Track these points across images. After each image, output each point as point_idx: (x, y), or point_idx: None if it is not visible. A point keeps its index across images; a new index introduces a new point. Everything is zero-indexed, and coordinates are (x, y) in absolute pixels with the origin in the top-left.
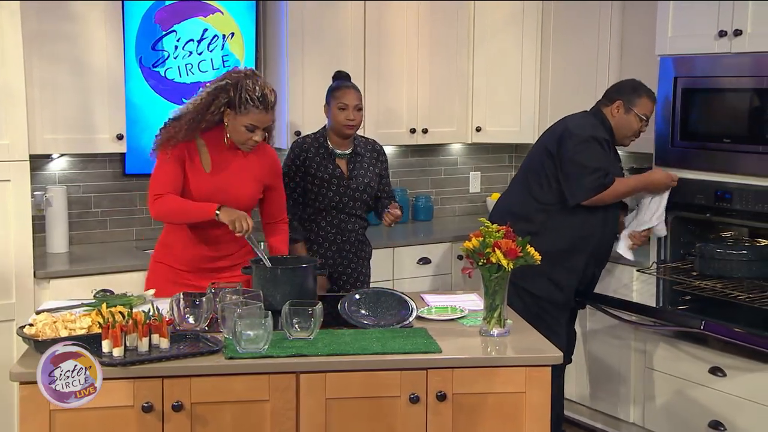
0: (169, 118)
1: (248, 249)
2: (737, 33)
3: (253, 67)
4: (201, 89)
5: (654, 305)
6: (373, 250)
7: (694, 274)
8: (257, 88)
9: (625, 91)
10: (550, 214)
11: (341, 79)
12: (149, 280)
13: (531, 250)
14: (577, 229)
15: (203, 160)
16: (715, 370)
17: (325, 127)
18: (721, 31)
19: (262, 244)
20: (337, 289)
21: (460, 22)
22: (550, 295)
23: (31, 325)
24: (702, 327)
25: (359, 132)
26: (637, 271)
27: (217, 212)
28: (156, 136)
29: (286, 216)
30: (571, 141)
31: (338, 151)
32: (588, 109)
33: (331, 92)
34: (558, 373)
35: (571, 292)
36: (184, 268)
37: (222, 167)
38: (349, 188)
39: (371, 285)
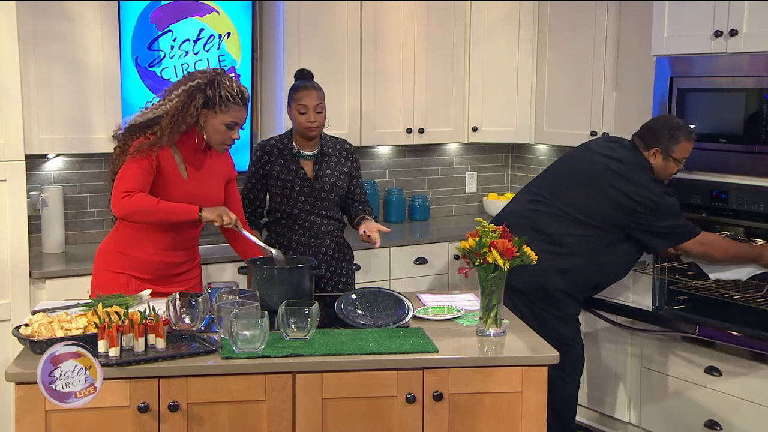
0: (131, 125)
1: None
2: (733, 33)
3: (250, 67)
4: (165, 93)
5: (650, 305)
6: (370, 251)
7: (690, 273)
8: (234, 85)
9: (662, 138)
10: (587, 243)
11: (303, 78)
12: (109, 292)
13: (527, 249)
14: (619, 265)
15: (179, 166)
16: (711, 370)
17: (292, 128)
18: (717, 31)
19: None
20: (318, 292)
21: (456, 21)
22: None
23: (27, 325)
24: (696, 332)
25: (330, 132)
26: (634, 271)
27: (200, 213)
28: (120, 144)
29: (244, 216)
30: (646, 192)
31: (303, 152)
32: (629, 145)
33: (291, 93)
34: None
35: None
36: (146, 276)
37: (196, 173)
38: (314, 188)
39: (368, 285)
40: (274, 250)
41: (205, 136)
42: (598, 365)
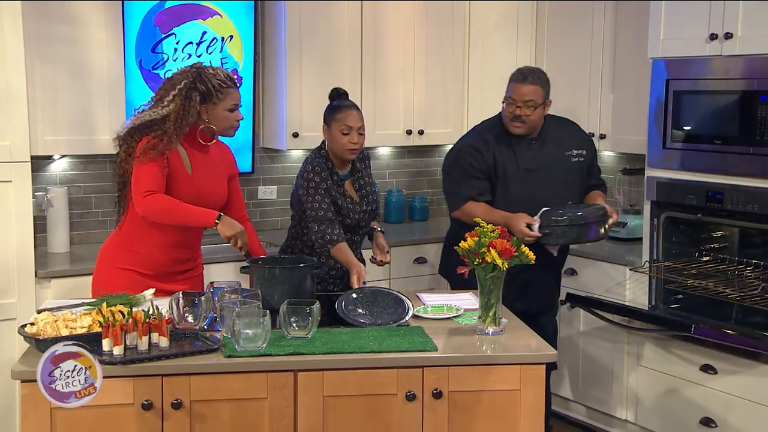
0: (131, 128)
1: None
2: (728, 36)
3: (252, 69)
4: (155, 99)
5: (646, 304)
6: (370, 250)
7: (685, 273)
8: (219, 71)
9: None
10: None
11: (339, 97)
12: (112, 287)
13: (525, 249)
14: None
15: (185, 162)
16: (707, 368)
17: (323, 146)
18: (712, 34)
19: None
20: (320, 291)
21: (455, 23)
22: None
23: (32, 324)
24: (692, 331)
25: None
26: (630, 270)
27: (217, 221)
28: (125, 148)
29: (246, 213)
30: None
31: (341, 173)
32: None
33: (332, 113)
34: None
35: None
36: (150, 272)
37: (199, 168)
38: (362, 212)
39: (369, 285)
40: None
41: (215, 128)
42: (594, 363)
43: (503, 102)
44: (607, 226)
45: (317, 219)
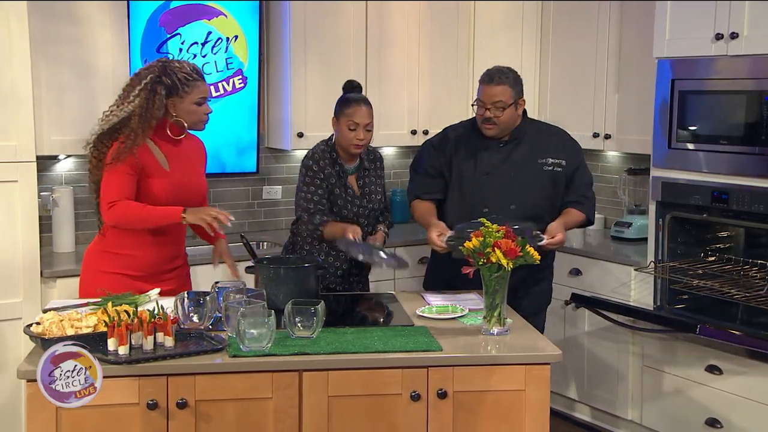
0: (99, 134)
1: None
2: (734, 36)
3: (257, 69)
4: (121, 96)
5: (651, 304)
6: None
7: (691, 273)
8: (185, 65)
9: None
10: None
11: (353, 90)
12: (99, 292)
13: (530, 249)
14: None
15: (160, 160)
16: (712, 369)
17: (332, 138)
18: (718, 34)
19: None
20: (323, 291)
21: (460, 23)
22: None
23: (38, 323)
24: (698, 331)
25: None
26: (635, 270)
27: (184, 215)
28: (95, 155)
29: (207, 203)
30: None
31: (347, 167)
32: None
33: (342, 106)
34: None
35: None
36: (137, 274)
37: (175, 162)
38: (362, 207)
39: (372, 284)
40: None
41: (183, 122)
42: (599, 364)
43: (473, 104)
44: (540, 244)
45: (307, 209)
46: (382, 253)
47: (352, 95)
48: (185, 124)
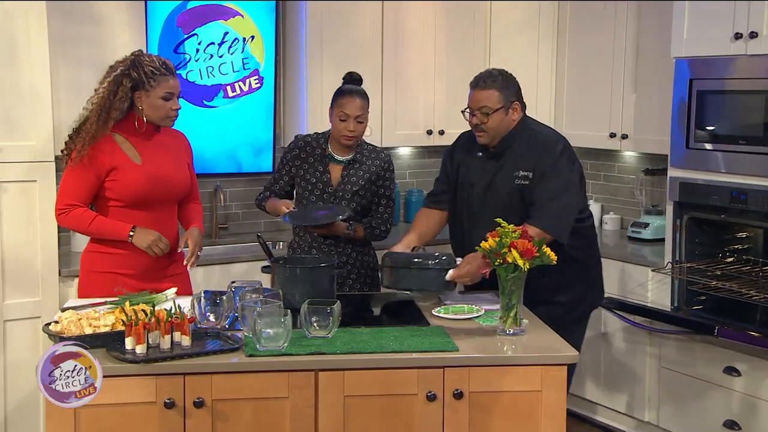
0: (74, 129)
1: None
2: (753, 35)
3: (273, 70)
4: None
5: (669, 305)
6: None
7: (709, 274)
8: (154, 59)
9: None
10: None
11: (352, 82)
12: (96, 292)
13: (547, 250)
14: None
15: (130, 154)
16: (730, 370)
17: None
18: (737, 33)
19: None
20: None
21: (476, 23)
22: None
23: (56, 322)
24: (716, 333)
25: (370, 141)
26: (653, 271)
27: (131, 233)
28: (65, 149)
29: (198, 195)
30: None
31: (336, 157)
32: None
33: (335, 97)
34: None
35: None
36: (131, 272)
37: (149, 155)
38: (335, 196)
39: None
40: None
41: (145, 118)
42: (616, 365)
43: (462, 111)
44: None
45: (267, 187)
46: (319, 213)
47: (346, 86)
48: (145, 119)
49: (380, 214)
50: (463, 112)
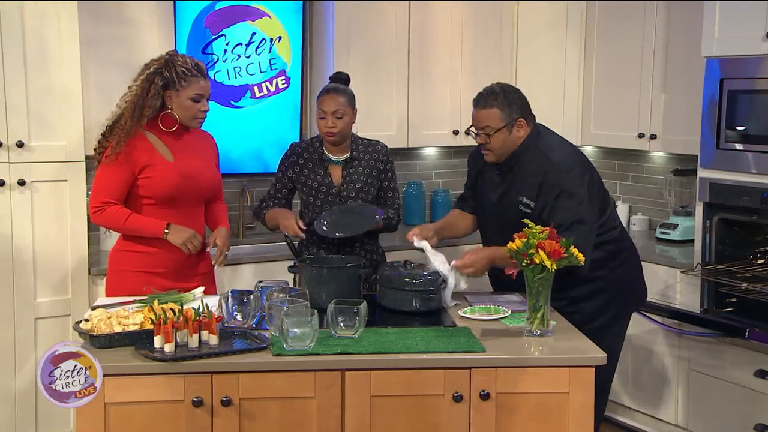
0: (107, 127)
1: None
2: None
3: (300, 70)
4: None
5: (698, 308)
6: (411, 251)
7: (739, 276)
8: (188, 60)
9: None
10: None
11: (336, 81)
12: (124, 291)
13: (575, 251)
14: None
15: (162, 151)
16: (761, 374)
17: None
18: None
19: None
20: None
21: (503, 24)
22: None
23: (86, 320)
24: (746, 335)
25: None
26: (682, 272)
27: (166, 231)
28: (98, 147)
29: (223, 195)
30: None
31: (333, 158)
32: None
33: (318, 97)
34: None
35: None
36: (160, 270)
37: (182, 154)
38: (340, 196)
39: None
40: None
41: (177, 117)
42: (645, 367)
43: (466, 132)
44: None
45: (268, 193)
46: (353, 218)
47: (327, 85)
48: (177, 118)
49: (390, 204)
50: (467, 131)
